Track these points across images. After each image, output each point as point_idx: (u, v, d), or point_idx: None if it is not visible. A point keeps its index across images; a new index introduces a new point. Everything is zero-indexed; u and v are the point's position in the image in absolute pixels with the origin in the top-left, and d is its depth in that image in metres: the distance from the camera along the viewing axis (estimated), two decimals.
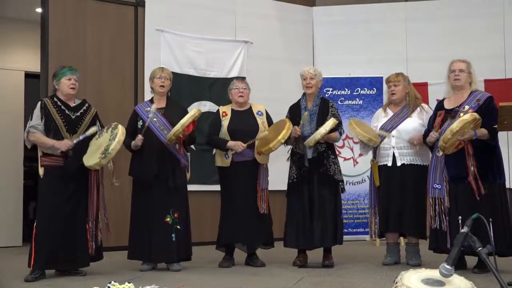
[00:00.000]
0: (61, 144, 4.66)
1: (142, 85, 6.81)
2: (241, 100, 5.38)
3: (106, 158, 4.61)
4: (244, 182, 5.23)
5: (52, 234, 4.64)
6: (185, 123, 4.94)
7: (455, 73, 4.89)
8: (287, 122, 5.14)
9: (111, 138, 4.67)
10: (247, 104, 5.46)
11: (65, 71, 4.88)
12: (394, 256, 5.28)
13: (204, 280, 4.59)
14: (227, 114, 5.38)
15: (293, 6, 8.00)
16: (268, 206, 5.28)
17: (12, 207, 7.49)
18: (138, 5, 6.96)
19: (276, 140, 5.00)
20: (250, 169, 5.25)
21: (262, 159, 5.27)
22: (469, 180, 4.62)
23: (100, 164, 4.65)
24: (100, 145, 4.71)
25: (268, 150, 5.11)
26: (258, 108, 5.47)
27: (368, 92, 7.52)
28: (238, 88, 5.39)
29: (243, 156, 5.22)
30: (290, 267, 5.13)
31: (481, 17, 7.75)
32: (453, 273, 2.76)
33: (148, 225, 5.02)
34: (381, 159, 5.27)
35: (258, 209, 5.20)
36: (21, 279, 4.54)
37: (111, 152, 4.59)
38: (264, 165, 5.30)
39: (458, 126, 4.51)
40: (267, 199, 5.27)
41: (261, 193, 5.23)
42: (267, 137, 5.15)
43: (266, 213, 5.27)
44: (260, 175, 5.26)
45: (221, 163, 5.33)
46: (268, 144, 5.04)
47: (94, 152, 4.71)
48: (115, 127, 4.76)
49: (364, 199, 7.24)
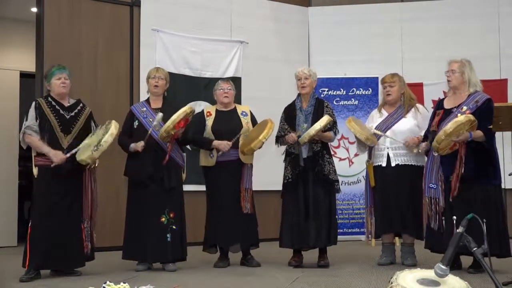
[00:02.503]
0: (55, 156, 4.63)
1: (137, 85, 6.80)
2: (226, 100, 5.38)
3: (98, 151, 4.59)
4: (228, 182, 5.23)
5: (47, 234, 4.62)
6: (176, 120, 4.92)
7: (448, 73, 4.90)
8: (269, 122, 5.16)
9: (104, 133, 4.66)
10: (232, 105, 5.47)
11: (54, 71, 4.86)
12: (390, 256, 5.28)
13: (199, 280, 4.59)
14: (211, 114, 5.39)
15: (288, 6, 8.01)
16: (252, 206, 5.27)
17: (7, 207, 7.47)
18: (134, 5, 6.95)
19: (257, 140, 5.02)
20: (235, 168, 5.25)
21: (246, 158, 5.27)
22: (451, 178, 4.64)
23: (92, 157, 4.62)
24: (93, 142, 4.70)
25: (250, 150, 5.12)
26: (243, 108, 5.49)
27: (364, 92, 7.53)
28: (223, 88, 5.40)
29: (227, 155, 5.22)
30: (286, 267, 5.13)
31: (476, 17, 7.78)
32: (448, 273, 2.76)
33: (143, 225, 5.01)
34: (376, 159, 5.28)
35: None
36: (16, 279, 4.53)
37: (103, 144, 4.58)
38: (248, 165, 5.29)
39: (451, 127, 4.50)
40: (251, 199, 5.26)
41: (245, 193, 5.23)
42: (250, 136, 5.16)
43: (251, 213, 5.27)
44: (243, 175, 5.25)
45: (206, 162, 5.32)
46: (250, 144, 5.05)
47: (87, 148, 4.70)
48: (108, 123, 4.76)
49: (360, 199, 7.24)
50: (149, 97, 5.31)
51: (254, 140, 5.06)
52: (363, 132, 5.19)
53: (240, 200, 5.21)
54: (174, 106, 5.35)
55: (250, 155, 5.26)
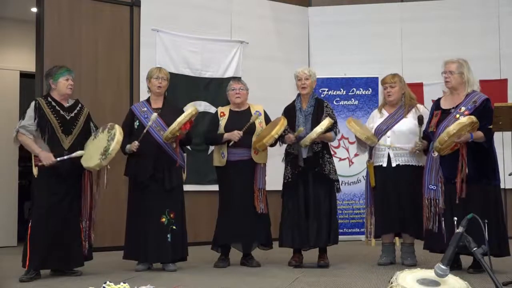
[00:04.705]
0: (45, 158, 4.64)
1: (137, 85, 6.79)
2: (238, 100, 5.39)
3: (107, 159, 4.63)
4: (240, 181, 5.23)
5: (47, 234, 4.62)
6: (182, 121, 4.93)
7: (446, 74, 4.89)
8: (282, 119, 5.17)
9: (109, 138, 4.67)
10: (245, 105, 5.47)
11: (64, 72, 4.87)
12: (390, 256, 5.28)
13: (199, 280, 4.59)
14: (225, 115, 5.40)
15: (288, 6, 8.01)
16: (266, 206, 5.27)
17: (7, 207, 7.48)
18: (134, 5, 6.95)
19: (269, 136, 5.02)
20: (247, 168, 5.25)
21: (259, 158, 5.27)
22: (456, 180, 4.64)
23: (101, 165, 4.67)
24: (98, 147, 4.71)
25: (262, 146, 5.11)
26: (257, 108, 5.47)
27: (364, 92, 7.53)
28: (234, 89, 5.40)
29: (239, 155, 5.22)
30: (286, 267, 5.13)
31: (476, 17, 7.78)
32: (448, 273, 2.76)
33: (143, 225, 5.02)
34: (377, 159, 5.28)
35: (255, 208, 5.20)
36: (16, 279, 4.53)
37: (111, 153, 4.62)
38: (261, 165, 5.29)
39: (455, 128, 4.51)
40: (264, 199, 5.27)
41: (258, 193, 5.23)
42: (262, 134, 5.17)
43: (265, 213, 5.26)
44: (257, 175, 5.25)
45: (218, 162, 5.33)
46: (262, 140, 5.05)
47: (93, 154, 4.70)
48: (111, 128, 4.77)
49: (360, 199, 7.24)
50: (150, 97, 5.31)
51: (266, 136, 5.07)
52: (363, 132, 5.20)
53: (252, 199, 5.20)
54: (174, 106, 5.36)
55: (262, 152, 5.25)
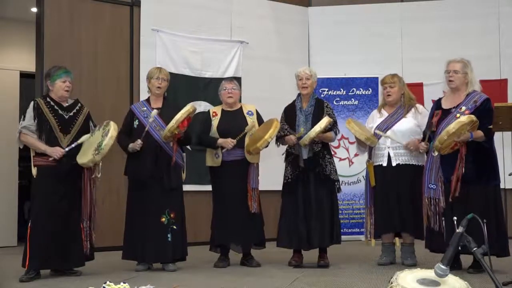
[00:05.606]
0: (53, 151, 4.65)
1: (137, 85, 6.80)
2: (230, 100, 5.39)
3: (100, 154, 4.62)
4: (234, 181, 5.23)
5: (47, 234, 4.62)
6: (180, 119, 4.93)
7: (449, 74, 4.89)
8: (274, 121, 5.16)
9: (104, 134, 4.68)
10: (237, 105, 5.48)
11: (61, 73, 4.86)
12: (389, 256, 5.28)
13: (199, 280, 4.59)
14: (217, 114, 5.39)
15: (288, 6, 8.00)
16: (259, 206, 5.28)
17: (7, 207, 7.48)
18: (134, 5, 6.95)
19: (263, 140, 5.01)
20: (241, 168, 5.24)
21: (253, 158, 5.26)
22: (451, 179, 4.64)
23: (94, 160, 4.65)
24: (93, 143, 4.71)
25: (256, 150, 5.11)
26: (249, 108, 5.47)
27: (364, 92, 7.53)
28: (226, 88, 5.40)
29: (233, 155, 5.22)
30: (286, 267, 5.13)
31: (476, 17, 7.77)
32: (448, 273, 2.77)
33: (143, 225, 5.01)
34: (377, 159, 5.28)
35: (248, 208, 5.19)
36: (16, 279, 4.53)
37: (104, 148, 4.60)
38: (254, 164, 5.28)
39: (454, 127, 4.51)
40: (258, 198, 5.27)
41: (252, 193, 5.23)
42: (255, 135, 5.16)
43: (258, 213, 5.26)
44: (250, 175, 5.25)
45: (212, 162, 5.32)
46: (256, 144, 5.05)
47: (87, 150, 4.71)
48: (106, 124, 4.77)
49: (360, 199, 7.24)
50: (149, 97, 5.31)
51: (260, 139, 5.05)
52: (362, 132, 5.20)
53: (246, 199, 5.20)
54: (174, 106, 5.35)
55: (256, 154, 5.26)
